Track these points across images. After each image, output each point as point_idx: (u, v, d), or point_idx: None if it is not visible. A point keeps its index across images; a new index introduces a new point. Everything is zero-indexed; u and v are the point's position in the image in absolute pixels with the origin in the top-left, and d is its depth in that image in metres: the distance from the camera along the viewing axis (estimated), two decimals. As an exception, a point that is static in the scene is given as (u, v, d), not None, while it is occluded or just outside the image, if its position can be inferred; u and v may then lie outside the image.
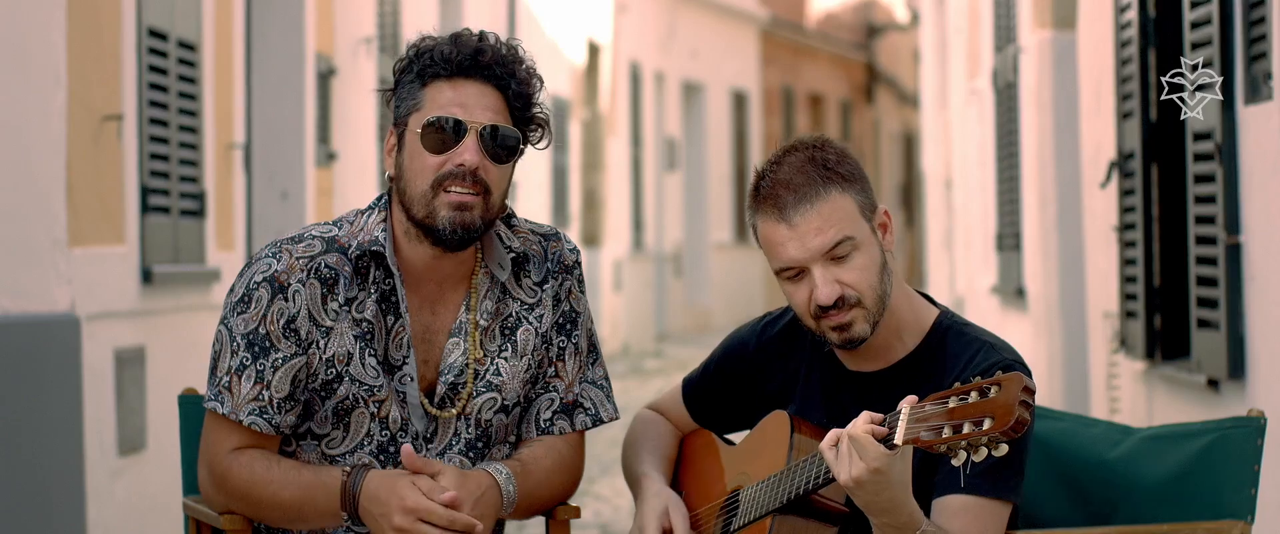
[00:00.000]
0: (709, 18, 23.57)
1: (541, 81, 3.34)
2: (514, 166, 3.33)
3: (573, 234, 17.79)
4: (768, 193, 3.26)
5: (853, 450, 3.00)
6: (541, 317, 3.39)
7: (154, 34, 6.65)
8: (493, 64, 3.27)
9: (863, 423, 3.02)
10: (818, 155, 3.26)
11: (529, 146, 3.33)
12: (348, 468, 3.28)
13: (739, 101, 25.01)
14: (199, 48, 7.13)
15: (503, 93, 3.29)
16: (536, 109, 3.33)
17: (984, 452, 2.87)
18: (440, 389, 3.33)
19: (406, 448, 3.26)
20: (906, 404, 2.99)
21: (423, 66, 3.28)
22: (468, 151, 3.24)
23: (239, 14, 7.83)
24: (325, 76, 9.42)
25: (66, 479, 5.81)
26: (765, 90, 25.75)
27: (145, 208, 6.57)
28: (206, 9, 7.27)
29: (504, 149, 3.27)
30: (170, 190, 6.81)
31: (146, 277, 6.56)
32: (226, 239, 7.58)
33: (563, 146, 17.77)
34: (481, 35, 3.31)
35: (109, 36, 6.29)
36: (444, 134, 3.24)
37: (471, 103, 3.26)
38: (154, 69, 6.66)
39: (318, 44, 9.20)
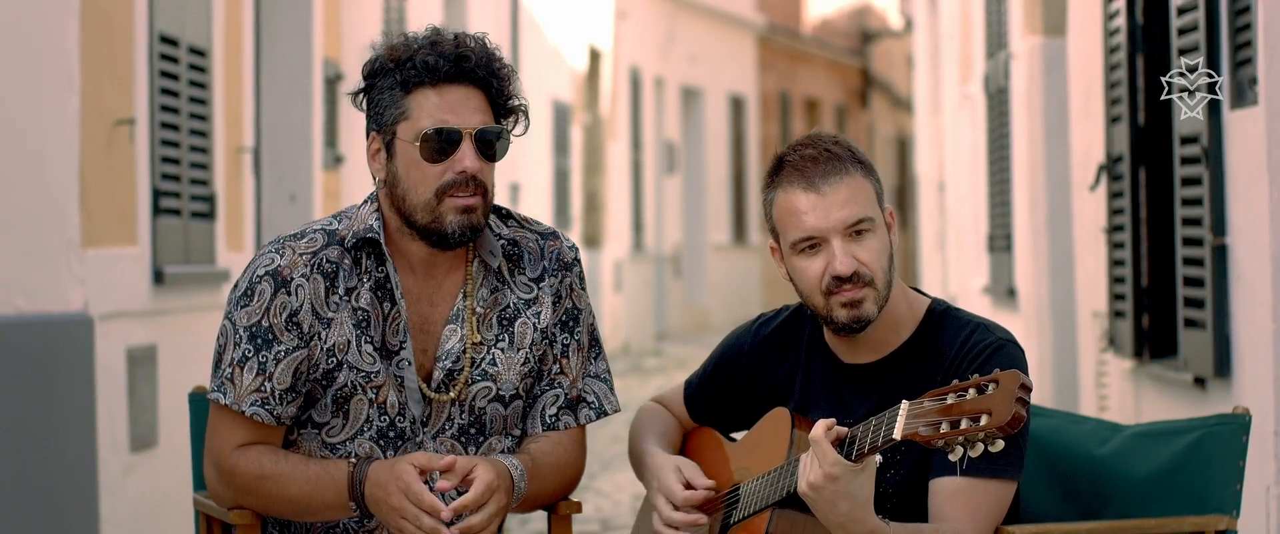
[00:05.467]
0: (707, 24, 23.61)
1: (515, 71, 3.38)
2: None
3: (574, 235, 17.80)
4: (794, 166, 3.28)
5: (814, 456, 3.00)
6: (540, 313, 3.42)
7: (165, 40, 6.67)
8: (476, 67, 3.30)
9: (821, 429, 3.01)
10: (842, 141, 3.31)
11: (510, 140, 3.37)
12: (353, 460, 3.31)
13: (737, 106, 25.04)
14: (209, 53, 7.14)
15: (486, 92, 3.32)
16: (514, 100, 3.36)
17: (980, 447, 2.88)
18: (437, 375, 3.36)
19: (420, 461, 3.27)
20: (903, 403, 2.98)
21: (406, 75, 3.29)
22: (467, 158, 3.28)
23: (248, 20, 7.85)
24: (332, 81, 9.41)
25: (80, 475, 5.82)
26: (762, 95, 25.79)
27: (156, 210, 6.57)
28: (216, 16, 7.28)
29: (495, 147, 3.32)
30: (181, 193, 6.81)
31: (158, 277, 6.56)
32: (236, 240, 7.57)
33: (564, 150, 17.82)
34: (458, 38, 3.32)
35: (121, 42, 6.30)
36: (441, 143, 3.28)
37: (460, 106, 3.29)
38: (165, 74, 6.66)
39: (325, 49, 9.19)
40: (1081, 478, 3.47)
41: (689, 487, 3.40)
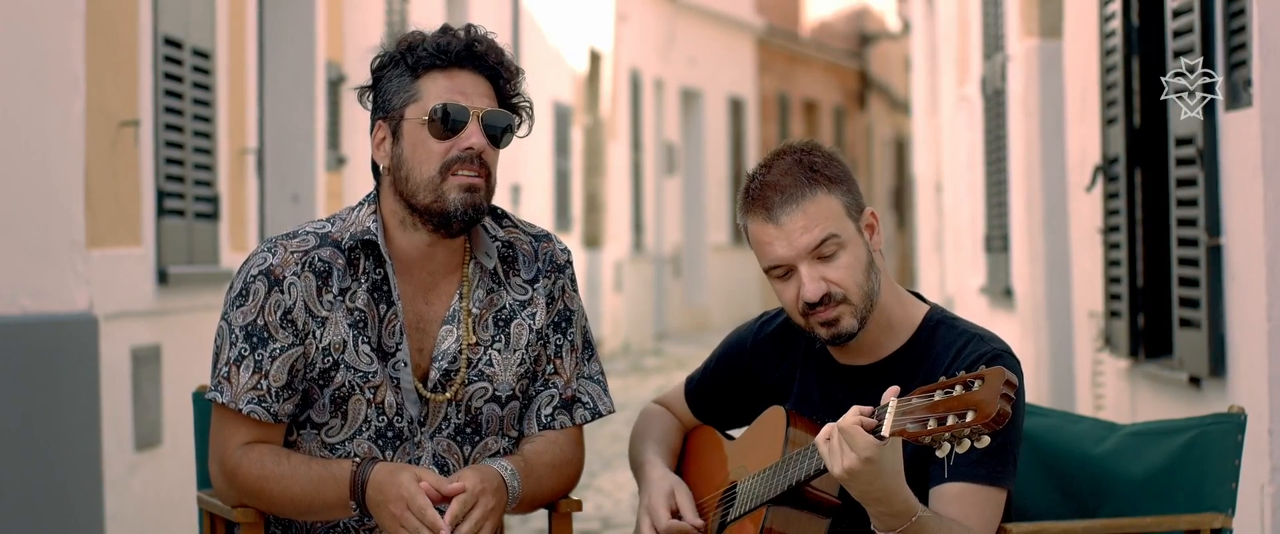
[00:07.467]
0: (707, 26, 23.65)
1: (522, 71, 3.44)
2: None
3: (575, 236, 17.84)
4: (756, 195, 3.31)
5: (844, 443, 3.03)
6: (535, 314, 3.45)
7: (169, 42, 6.69)
8: (485, 54, 3.37)
9: (853, 416, 3.03)
10: (805, 158, 3.31)
11: (515, 134, 3.41)
12: (357, 460, 3.34)
13: (736, 108, 25.09)
14: (213, 55, 7.17)
15: (493, 81, 3.38)
16: (520, 98, 3.42)
17: (967, 443, 2.90)
18: (433, 375, 3.38)
19: (427, 481, 3.30)
20: (892, 396, 3.01)
21: (416, 59, 3.35)
22: (473, 135, 3.32)
23: (252, 23, 7.87)
24: (335, 83, 9.44)
25: (85, 473, 5.84)
26: (761, 97, 25.83)
27: (161, 210, 6.60)
28: (220, 18, 7.31)
29: (501, 132, 3.37)
30: (185, 194, 6.84)
31: (162, 277, 6.59)
32: (240, 241, 7.60)
33: (565, 151, 17.86)
34: (469, 29, 3.39)
35: (126, 45, 6.33)
36: (449, 121, 3.32)
37: (469, 90, 3.34)
38: (169, 76, 6.69)
39: (328, 51, 9.22)
40: (1078, 477, 3.49)
41: (676, 515, 3.43)
